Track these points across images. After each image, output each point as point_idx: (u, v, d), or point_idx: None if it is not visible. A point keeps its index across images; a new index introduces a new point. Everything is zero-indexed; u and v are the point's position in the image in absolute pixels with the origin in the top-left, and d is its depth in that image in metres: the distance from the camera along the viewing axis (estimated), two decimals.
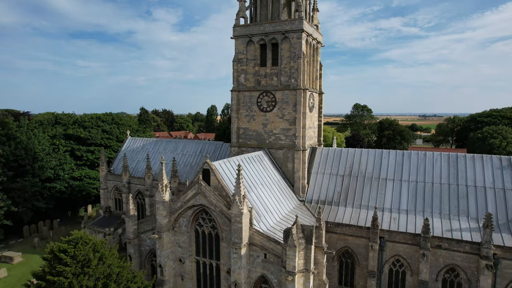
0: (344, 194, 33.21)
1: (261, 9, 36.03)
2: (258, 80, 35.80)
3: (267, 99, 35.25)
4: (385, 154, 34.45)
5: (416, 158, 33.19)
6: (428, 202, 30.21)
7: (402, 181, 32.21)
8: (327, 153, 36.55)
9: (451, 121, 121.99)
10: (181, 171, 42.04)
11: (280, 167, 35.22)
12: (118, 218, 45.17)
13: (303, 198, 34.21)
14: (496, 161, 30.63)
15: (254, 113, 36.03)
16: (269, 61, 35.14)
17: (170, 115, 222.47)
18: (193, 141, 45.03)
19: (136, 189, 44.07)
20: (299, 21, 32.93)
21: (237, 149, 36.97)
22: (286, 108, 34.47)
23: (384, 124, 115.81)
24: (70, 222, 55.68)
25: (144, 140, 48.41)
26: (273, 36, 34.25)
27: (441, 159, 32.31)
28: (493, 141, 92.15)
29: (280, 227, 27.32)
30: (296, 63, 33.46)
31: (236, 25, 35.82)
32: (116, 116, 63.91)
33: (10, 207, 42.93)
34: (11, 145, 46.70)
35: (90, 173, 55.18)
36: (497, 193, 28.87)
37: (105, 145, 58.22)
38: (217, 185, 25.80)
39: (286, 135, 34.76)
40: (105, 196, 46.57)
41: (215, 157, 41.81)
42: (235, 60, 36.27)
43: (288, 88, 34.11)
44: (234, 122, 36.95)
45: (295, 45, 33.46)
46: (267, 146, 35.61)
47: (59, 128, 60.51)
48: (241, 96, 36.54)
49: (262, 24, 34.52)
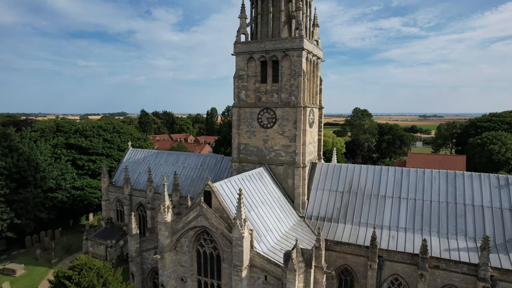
0: (344, 210, 33.59)
1: (262, 26, 36.37)
2: (259, 96, 36.15)
3: (268, 115, 35.61)
4: (384, 171, 34.81)
5: (415, 176, 33.56)
6: (426, 220, 30.59)
7: (400, 199, 32.59)
8: (327, 169, 36.93)
9: (451, 125, 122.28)
10: (182, 184, 42.43)
11: (281, 183, 35.59)
12: (119, 229, 45.60)
13: (303, 214, 34.58)
14: (494, 180, 30.98)
15: (255, 129, 36.39)
16: (269, 78, 35.48)
17: (171, 117, 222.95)
18: (194, 154, 45.40)
19: (138, 202, 44.48)
20: (299, 39, 33.26)
21: (238, 164, 37.35)
22: (287, 125, 34.84)
23: (384, 128, 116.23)
24: (72, 231, 56.11)
25: (145, 152, 48.79)
26: (274, 54, 34.60)
27: (439, 176, 32.67)
28: (493, 147, 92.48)
29: (281, 246, 27.72)
30: (297, 80, 33.81)
31: (237, 42, 36.15)
32: (117, 124, 64.21)
33: (13, 219, 43.30)
34: (13, 157, 47.05)
35: (91, 182, 55.55)
36: (494, 212, 29.24)
37: (106, 154, 58.58)
38: (218, 207, 26.19)
39: (287, 151, 35.13)
40: (106, 207, 46.97)
41: (216, 171, 42.22)
42: (236, 77, 36.62)
43: (288, 105, 34.47)
44: (235, 138, 37.31)
45: (295, 63, 33.81)
46: (268, 162, 35.98)
47: (61, 137, 60.82)
48: (242, 112, 36.90)
49: (262, 42, 34.86)
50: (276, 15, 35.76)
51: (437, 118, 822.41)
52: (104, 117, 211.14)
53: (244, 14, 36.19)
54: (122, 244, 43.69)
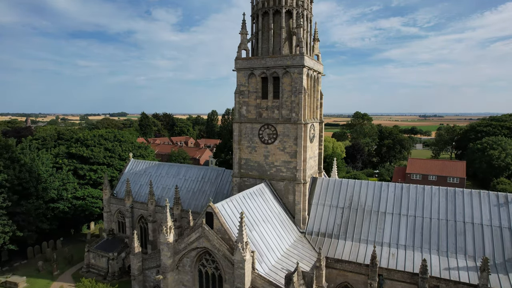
0: (344, 227, 33.81)
1: (263, 42, 36.56)
2: (260, 112, 36.36)
3: (269, 131, 35.81)
4: (384, 187, 35.03)
5: (415, 192, 33.78)
6: (426, 238, 30.82)
7: (400, 215, 32.81)
8: (327, 184, 37.14)
9: (451, 129, 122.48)
10: (184, 198, 42.64)
11: (281, 199, 35.82)
12: (121, 241, 45.82)
13: (303, 230, 34.82)
14: (493, 197, 31.19)
15: (256, 144, 36.61)
16: (270, 94, 35.67)
17: (171, 119, 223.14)
18: (195, 167, 45.58)
19: (139, 214, 44.69)
20: (300, 56, 33.45)
21: (239, 179, 37.57)
22: (287, 141, 35.05)
23: (384, 133, 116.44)
24: (73, 240, 56.31)
25: (146, 163, 48.99)
26: (275, 70, 34.79)
27: (439, 193, 32.90)
28: (493, 152, 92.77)
29: (282, 265, 27.96)
30: (297, 97, 34.01)
31: (238, 58, 36.35)
32: (118, 133, 64.38)
33: (16, 231, 43.54)
34: (15, 168, 47.27)
35: (93, 192, 55.79)
36: (494, 231, 29.47)
37: (108, 163, 58.81)
38: (220, 228, 26.40)
39: (287, 167, 35.35)
40: (108, 219, 47.18)
41: (217, 184, 42.43)
42: (237, 92, 36.82)
43: (289, 122, 34.67)
44: (236, 153, 37.52)
45: (296, 80, 34.00)
46: (269, 177, 36.20)
47: (62, 146, 61.02)
48: (243, 128, 37.10)
49: (263, 58, 35.04)
50: (277, 32, 35.94)
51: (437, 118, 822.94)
52: (105, 118, 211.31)
53: (245, 30, 36.36)
54: (123, 256, 43.90)
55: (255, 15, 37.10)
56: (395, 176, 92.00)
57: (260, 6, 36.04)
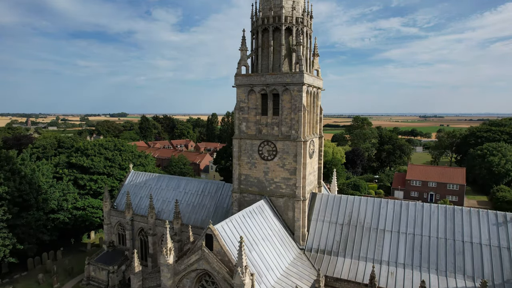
0: (343, 243, 33.92)
1: (263, 58, 36.67)
2: (259, 128, 36.46)
3: (268, 148, 35.92)
4: (383, 203, 35.12)
5: (414, 209, 33.87)
6: (425, 256, 30.90)
7: (399, 233, 32.89)
8: (327, 200, 37.24)
9: (451, 134, 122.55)
10: (183, 211, 42.77)
11: (281, 215, 35.94)
12: (121, 253, 45.98)
13: (303, 246, 34.93)
14: (492, 216, 31.28)
15: (256, 160, 36.71)
16: (270, 111, 35.76)
17: (171, 121, 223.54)
18: (195, 180, 45.70)
19: (139, 227, 44.83)
20: (299, 74, 33.55)
21: (239, 195, 37.68)
22: (287, 158, 35.15)
23: (384, 137, 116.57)
24: (73, 250, 56.45)
25: (146, 175, 49.11)
26: (274, 87, 34.88)
27: (438, 211, 32.99)
28: (493, 158, 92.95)
29: (281, 285, 28.14)
30: (297, 115, 34.11)
31: (238, 74, 36.43)
32: (118, 142, 64.51)
33: (16, 244, 43.70)
34: (15, 180, 47.43)
35: (93, 202, 55.94)
36: (492, 251, 29.55)
37: (108, 173, 58.95)
38: (220, 250, 26.52)
39: (287, 184, 35.46)
40: (108, 231, 47.32)
41: (217, 198, 42.56)
42: (237, 108, 36.93)
43: (288, 139, 34.77)
44: (236, 169, 37.62)
45: (295, 97, 34.10)
46: (268, 193, 36.31)
47: (63, 155, 61.17)
48: (243, 144, 37.21)
49: (263, 75, 35.14)
50: (277, 48, 36.05)
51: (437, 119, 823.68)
52: (105, 121, 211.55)
53: (245, 46, 36.42)
54: (124, 269, 44.06)
55: (255, 31, 37.19)
56: (395, 182, 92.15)
57: (260, 23, 36.14)
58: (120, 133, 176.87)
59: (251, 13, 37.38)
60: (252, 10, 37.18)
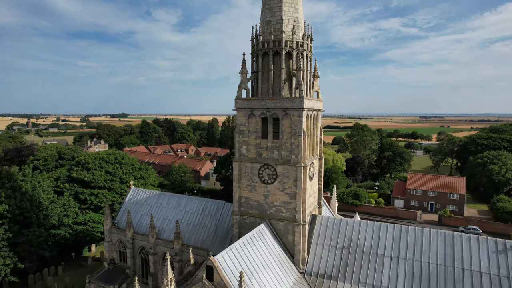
0: (343, 268, 34.04)
1: (263, 82, 36.74)
2: (260, 152, 36.57)
3: (268, 171, 36.03)
4: (383, 228, 35.23)
5: (413, 235, 33.97)
6: (424, 283, 30.98)
7: (399, 259, 33.00)
8: (327, 222, 37.37)
9: (451, 141, 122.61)
10: (184, 231, 42.93)
11: (281, 238, 36.06)
12: (122, 271, 46.15)
13: (303, 270, 35.05)
14: (492, 244, 31.36)
15: (256, 184, 36.82)
16: (270, 135, 35.85)
17: (171, 124, 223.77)
18: (195, 198, 45.83)
19: (140, 245, 45.00)
20: (300, 100, 33.63)
21: (239, 217, 37.82)
22: (287, 182, 35.26)
23: (385, 145, 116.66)
24: (74, 265, 56.65)
25: (147, 192, 49.24)
26: (274, 112, 34.96)
27: (437, 237, 33.08)
28: (493, 167, 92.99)
29: None
30: (297, 140, 34.20)
31: (238, 98, 36.53)
32: (118, 154, 64.68)
33: (17, 264, 43.89)
34: (16, 197, 47.63)
35: (94, 217, 56.13)
36: (492, 279, 29.62)
37: (109, 187, 59.11)
38: (220, 282, 26.67)
39: (287, 208, 35.58)
40: (109, 248, 47.48)
41: (217, 218, 42.72)
42: (237, 132, 37.03)
43: (288, 163, 34.88)
44: (236, 192, 37.74)
45: (295, 122, 34.19)
46: (268, 217, 36.44)
47: (63, 169, 61.34)
48: (243, 167, 37.32)
49: (263, 99, 35.22)
50: (277, 73, 36.12)
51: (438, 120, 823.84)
52: (106, 125, 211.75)
53: (245, 69, 36.53)
54: (125, 287, 44.24)
55: (255, 54, 37.26)
56: (395, 191, 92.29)
57: (260, 47, 36.22)
58: (121, 137, 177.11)
59: (251, 36, 37.44)
60: (252, 32, 37.24)
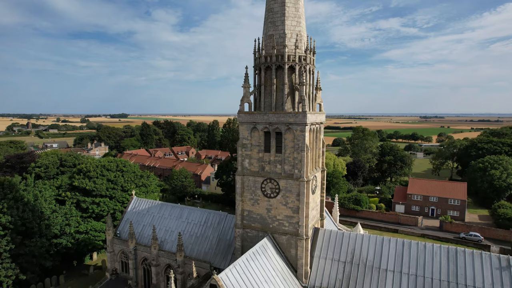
0: (346, 282, 34.05)
1: (265, 96, 36.74)
2: (262, 166, 36.58)
3: (271, 185, 36.05)
4: (385, 242, 35.27)
5: (416, 249, 34.00)
6: None
7: (402, 273, 33.00)
8: (329, 236, 37.40)
9: (452, 145, 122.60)
10: (186, 242, 42.96)
11: (284, 252, 36.09)
12: (124, 282, 46.20)
13: (306, 284, 35.06)
14: (495, 260, 31.37)
15: (258, 197, 36.84)
16: (273, 149, 35.86)
17: (172, 126, 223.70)
18: (198, 209, 45.86)
19: (142, 256, 45.00)
20: (302, 115, 33.62)
21: (242, 230, 37.84)
22: (290, 197, 35.28)
23: (385, 149, 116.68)
24: (76, 273, 56.58)
25: (149, 203, 49.28)
26: (277, 126, 34.99)
27: (440, 252, 33.09)
28: (494, 172, 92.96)
29: None
30: (300, 155, 34.21)
31: (241, 112, 36.53)
32: (120, 162, 64.67)
33: (19, 275, 43.90)
34: (18, 208, 47.62)
35: (95, 225, 56.14)
36: None
37: (110, 196, 59.11)
38: None
39: (290, 222, 35.60)
40: (111, 259, 47.50)
41: (220, 230, 42.73)
42: (240, 145, 37.05)
43: (291, 177, 34.89)
44: (239, 205, 37.75)
45: (298, 137, 34.19)
46: (271, 230, 36.46)
47: (65, 177, 61.34)
48: (246, 180, 37.33)
49: (266, 114, 35.22)
50: (280, 87, 36.10)
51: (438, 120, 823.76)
52: (106, 127, 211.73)
53: (248, 83, 36.55)
54: None
55: (257, 67, 37.27)
56: (396, 196, 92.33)
57: (263, 61, 36.21)
58: (121, 140, 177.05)
59: (253, 49, 37.42)
60: (255, 46, 37.23)
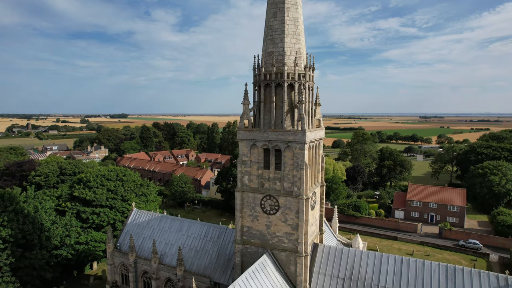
0: None
1: (265, 113, 36.86)
2: (262, 182, 36.74)
3: (270, 202, 36.23)
4: (384, 259, 35.46)
5: (415, 267, 34.19)
6: None
7: None
8: (328, 252, 37.59)
9: (451, 150, 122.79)
10: (186, 256, 43.16)
11: (283, 269, 36.29)
12: None
13: None
14: (493, 279, 31.56)
15: (258, 214, 37.01)
16: (272, 166, 36.03)
17: (171, 128, 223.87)
18: (198, 223, 46.03)
19: (143, 269, 45.19)
20: (302, 133, 33.77)
21: (241, 246, 38.03)
22: (289, 214, 35.46)
23: (385, 153, 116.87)
24: (76, 284, 56.77)
25: (149, 215, 49.46)
26: (276, 144, 35.15)
27: (439, 270, 33.26)
28: (493, 178, 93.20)
29: None
30: (299, 172, 34.37)
31: (240, 128, 36.69)
32: (120, 171, 64.80)
33: None
34: (19, 220, 47.74)
35: (95, 236, 56.30)
36: None
37: (110, 206, 59.26)
38: None
39: (289, 239, 35.78)
40: (112, 271, 47.70)
41: (219, 244, 42.92)
42: (239, 162, 37.20)
43: (291, 195, 35.07)
44: (239, 221, 37.92)
45: (298, 155, 34.35)
46: (271, 246, 36.65)
47: (65, 186, 61.49)
48: (245, 196, 37.51)
49: (265, 131, 35.37)
50: (279, 104, 36.23)
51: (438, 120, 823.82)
52: (106, 130, 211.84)
53: (247, 100, 36.68)
54: None
55: (257, 84, 37.39)
56: (396, 202, 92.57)
57: (263, 78, 36.33)
58: (121, 143, 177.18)
59: (253, 65, 37.51)
60: (254, 62, 37.31)
